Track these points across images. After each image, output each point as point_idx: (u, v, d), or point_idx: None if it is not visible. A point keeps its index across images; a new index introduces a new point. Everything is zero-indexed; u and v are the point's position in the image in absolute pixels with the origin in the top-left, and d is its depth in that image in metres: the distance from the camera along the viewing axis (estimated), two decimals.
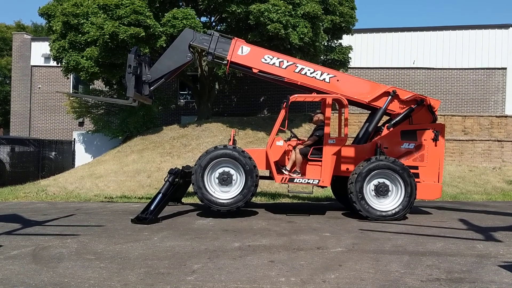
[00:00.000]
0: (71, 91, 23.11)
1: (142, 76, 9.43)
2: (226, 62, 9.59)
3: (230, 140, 9.49)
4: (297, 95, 9.11)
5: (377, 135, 9.39)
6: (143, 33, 14.78)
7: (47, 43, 20.44)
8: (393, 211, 8.48)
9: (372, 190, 8.59)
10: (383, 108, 9.30)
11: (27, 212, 9.55)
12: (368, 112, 10.08)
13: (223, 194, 8.59)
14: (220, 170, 8.61)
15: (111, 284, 4.49)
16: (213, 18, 18.34)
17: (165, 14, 15.58)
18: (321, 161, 8.87)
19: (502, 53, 22.45)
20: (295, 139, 9.80)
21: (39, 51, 24.30)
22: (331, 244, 6.39)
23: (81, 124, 23.49)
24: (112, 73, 16.69)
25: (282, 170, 9.16)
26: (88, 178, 14.23)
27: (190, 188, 9.69)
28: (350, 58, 19.99)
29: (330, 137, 8.86)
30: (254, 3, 14.83)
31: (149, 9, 15.42)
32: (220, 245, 6.24)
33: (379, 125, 9.54)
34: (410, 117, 9.31)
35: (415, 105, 9.26)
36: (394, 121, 9.23)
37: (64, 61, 16.58)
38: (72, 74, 19.77)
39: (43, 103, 24.32)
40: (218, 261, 5.39)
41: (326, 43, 18.65)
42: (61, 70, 18.02)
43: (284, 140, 9.42)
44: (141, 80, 9.42)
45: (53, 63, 19.22)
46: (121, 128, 19.25)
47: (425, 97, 9.36)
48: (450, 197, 12.76)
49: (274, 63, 9.42)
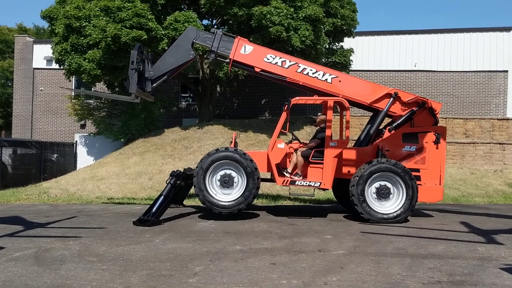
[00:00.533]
0: (73, 94, 23.14)
1: (145, 73, 9.47)
2: (228, 60, 9.58)
3: (231, 142, 9.52)
4: (298, 98, 9.12)
5: (378, 138, 9.39)
6: (145, 36, 14.83)
7: (49, 45, 20.51)
8: (395, 214, 8.47)
9: (374, 193, 8.58)
10: (385, 110, 9.28)
11: (29, 214, 9.57)
12: (369, 114, 10.09)
13: (225, 197, 8.59)
14: (222, 173, 8.62)
15: (113, 286, 4.50)
16: (214, 21, 18.38)
17: (167, 17, 15.63)
18: (322, 163, 8.87)
19: (504, 56, 22.44)
20: (297, 141, 9.80)
21: (41, 53, 24.36)
22: (332, 246, 6.39)
23: (83, 126, 23.54)
24: (114, 75, 16.74)
25: (284, 172, 9.17)
26: (90, 180, 14.26)
27: (192, 190, 9.70)
28: (352, 60, 20.00)
29: (332, 140, 8.87)
30: (256, 5, 14.87)
31: (151, 12, 15.48)
32: (221, 247, 6.25)
33: (380, 127, 9.54)
34: (412, 120, 9.31)
35: (417, 107, 9.25)
36: (396, 123, 9.22)
37: (66, 63, 16.64)
38: (74, 77, 19.81)
39: (45, 106, 24.38)
40: (220, 263, 5.40)
41: (327, 46, 18.67)
42: (63, 72, 18.06)
43: (286, 143, 9.43)
44: (144, 77, 9.46)
45: (55, 65, 19.27)
46: (123, 131, 19.28)
47: (427, 99, 9.35)
48: (452, 199, 12.75)
49: (276, 63, 9.42)
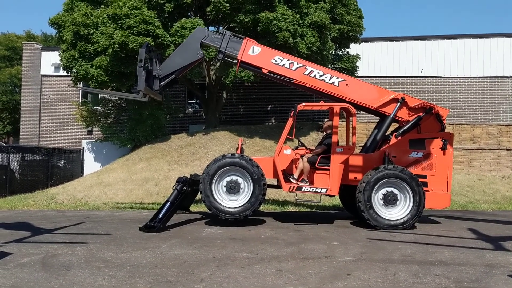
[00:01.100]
0: (80, 100, 23.28)
1: (153, 71, 9.49)
2: (236, 61, 9.58)
3: (237, 148, 9.53)
4: (304, 104, 9.14)
5: (385, 144, 9.36)
6: (152, 43, 14.89)
7: (57, 52, 20.65)
8: (402, 220, 8.43)
9: (381, 199, 8.55)
10: (392, 115, 9.24)
11: (37, 220, 9.61)
12: (376, 120, 10.07)
13: (231, 203, 8.59)
14: (228, 179, 8.63)
15: None
16: (221, 28, 18.44)
17: (174, 24, 15.72)
18: (329, 169, 8.86)
19: (511, 62, 22.34)
20: (303, 147, 9.79)
21: (49, 60, 24.53)
22: (339, 253, 6.38)
23: (90, 132, 23.65)
24: (121, 82, 16.83)
25: (290, 178, 9.16)
26: (97, 186, 14.31)
27: (198, 197, 9.71)
28: (358, 66, 20.00)
29: (338, 146, 8.86)
30: (263, 11, 14.94)
31: (158, 19, 15.58)
32: (228, 254, 6.25)
33: (387, 133, 9.51)
34: (419, 126, 9.28)
35: (424, 113, 9.22)
36: (403, 129, 9.19)
37: (74, 70, 16.75)
38: (81, 83, 19.95)
39: (52, 112, 24.53)
40: (226, 269, 5.40)
41: (333, 52, 18.70)
42: (71, 79, 18.19)
43: (292, 149, 9.43)
44: (152, 75, 9.47)
45: (62, 72, 19.41)
46: (130, 137, 19.35)
47: (434, 105, 9.32)
48: (459, 206, 12.67)
49: (284, 65, 9.42)
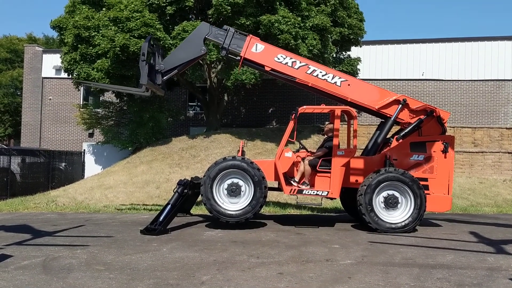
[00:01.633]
0: (81, 103, 23.31)
1: (155, 65, 9.47)
2: (239, 58, 9.56)
3: (238, 151, 9.52)
4: (305, 107, 9.14)
5: (386, 147, 9.35)
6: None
7: (58, 55, 20.70)
8: (403, 223, 8.42)
9: (382, 202, 8.53)
10: (394, 117, 9.21)
11: (37, 222, 9.61)
12: (377, 123, 10.06)
13: (232, 206, 8.58)
14: (229, 181, 8.62)
15: None
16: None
17: (175, 27, 15.74)
18: (330, 172, 8.85)
19: None
20: (304, 150, 9.79)
21: (50, 63, 24.59)
22: (340, 256, 6.36)
23: (91, 135, 23.67)
24: (122, 84, 16.82)
25: (291, 181, 9.16)
26: (98, 189, 14.31)
27: (199, 199, 9.71)
28: (359, 69, 20.03)
29: (339, 149, 8.85)
30: (264, 14, 14.96)
31: (159, 22, 15.61)
32: (229, 257, 6.24)
33: (388, 136, 9.50)
34: (420, 129, 9.27)
35: (425, 115, 9.20)
36: (404, 132, 9.18)
37: (75, 73, 16.77)
38: (82, 86, 19.98)
39: (53, 115, 24.57)
40: (227, 272, 5.39)
41: (334, 55, 18.71)
42: (72, 81, 18.21)
43: (293, 152, 9.42)
44: (154, 70, 9.45)
45: (64, 75, 19.44)
46: (131, 139, 19.35)
47: (435, 108, 9.32)
48: (460, 209, 12.65)
49: (286, 63, 9.39)
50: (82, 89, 22.84)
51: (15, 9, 74.21)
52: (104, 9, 16.62)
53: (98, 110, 21.48)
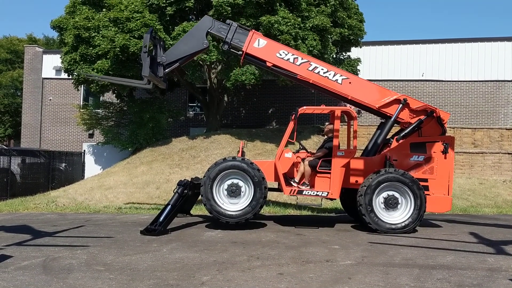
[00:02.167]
0: (81, 103, 23.31)
1: (157, 58, 9.46)
2: (241, 53, 9.52)
3: (238, 152, 9.52)
4: (305, 107, 9.14)
5: (386, 147, 9.35)
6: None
7: (59, 55, 20.69)
8: (403, 224, 8.42)
9: (382, 203, 8.53)
10: (394, 117, 9.19)
11: (37, 223, 9.61)
12: (376, 124, 10.06)
13: (232, 206, 8.58)
14: (229, 182, 8.62)
15: None
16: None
17: (175, 27, 15.75)
18: (330, 173, 8.85)
19: None
20: (304, 151, 9.79)
21: (51, 63, 24.59)
22: (340, 256, 6.36)
23: (91, 136, 23.66)
24: (122, 85, 16.84)
25: (291, 182, 9.16)
26: (98, 189, 14.31)
27: (199, 200, 9.70)
28: (359, 70, 20.01)
29: (339, 149, 8.85)
30: (264, 15, 14.97)
31: (159, 23, 15.62)
32: (228, 257, 6.24)
33: (388, 136, 9.49)
34: (420, 129, 9.27)
35: (425, 116, 9.19)
36: (404, 133, 9.17)
37: (75, 73, 16.78)
38: (82, 86, 19.97)
39: (53, 115, 24.56)
40: (227, 273, 5.39)
41: (334, 56, 18.71)
42: (72, 82, 18.21)
43: (293, 152, 9.42)
44: (156, 62, 9.44)
45: (64, 75, 19.45)
46: (131, 140, 19.35)
47: (435, 108, 9.31)
48: (460, 210, 12.65)
49: (288, 59, 9.35)
50: (82, 89, 22.82)
51: (15, 9, 74.28)
52: (104, 9, 16.65)
53: (98, 110, 21.47)
